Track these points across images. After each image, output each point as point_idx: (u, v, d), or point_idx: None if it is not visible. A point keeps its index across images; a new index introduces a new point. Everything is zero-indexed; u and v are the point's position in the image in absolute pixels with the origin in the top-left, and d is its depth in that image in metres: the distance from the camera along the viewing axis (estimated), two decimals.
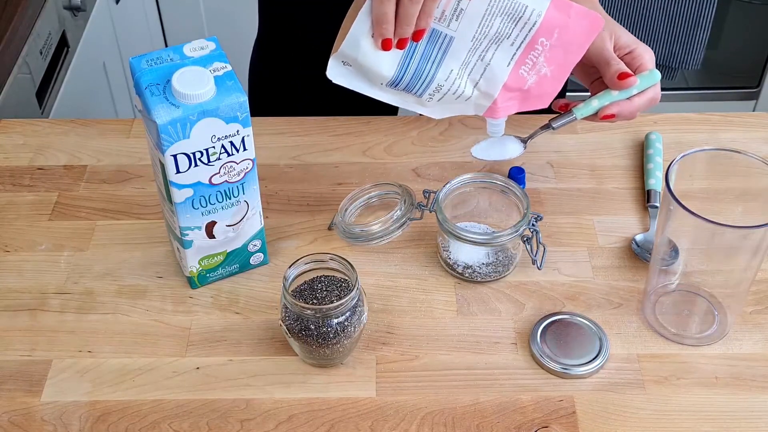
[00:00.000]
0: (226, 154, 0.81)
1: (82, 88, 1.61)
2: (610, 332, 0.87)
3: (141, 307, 0.90)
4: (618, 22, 0.95)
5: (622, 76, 0.88)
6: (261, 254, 0.92)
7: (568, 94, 1.26)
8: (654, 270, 0.87)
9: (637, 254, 0.94)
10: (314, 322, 0.79)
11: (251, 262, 0.92)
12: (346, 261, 0.82)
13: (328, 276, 0.83)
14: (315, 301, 0.82)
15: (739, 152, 0.83)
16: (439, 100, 0.87)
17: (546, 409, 0.81)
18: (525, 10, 0.82)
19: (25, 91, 1.37)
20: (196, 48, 0.82)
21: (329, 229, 0.98)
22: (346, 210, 0.97)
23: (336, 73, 0.87)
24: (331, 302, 0.81)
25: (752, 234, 0.77)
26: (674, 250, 0.84)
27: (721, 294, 0.87)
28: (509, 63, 0.85)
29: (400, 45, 0.83)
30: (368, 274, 0.92)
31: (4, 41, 1.29)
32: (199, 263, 0.89)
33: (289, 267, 0.82)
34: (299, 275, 0.83)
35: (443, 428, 0.79)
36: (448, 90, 0.86)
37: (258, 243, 0.91)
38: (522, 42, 0.84)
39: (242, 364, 0.84)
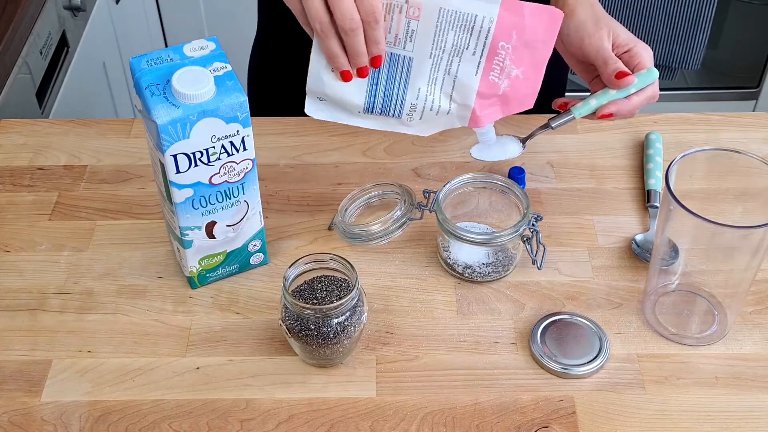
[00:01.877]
0: (226, 154, 0.81)
1: (82, 88, 1.61)
2: (610, 332, 0.87)
3: (141, 307, 0.90)
4: (618, 21, 0.95)
5: (620, 75, 0.88)
6: (261, 254, 0.92)
7: (567, 93, 1.26)
8: (654, 270, 0.87)
9: (637, 254, 0.94)
10: (314, 322, 0.79)
11: (251, 262, 0.92)
12: (346, 261, 0.82)
13: (328, 276, 0.83)
14: (315, 301, 0.82)
15: (739, 152, 0.83)
16: (420, 119, 0.88)
17: (546, 409, 0.81)
18: (475, 19, 0.82)
19: (25, 91, 1.37)
20: (196, 48, 0.82)
21: (329, 229, 0.98)
22: (346, 210, 0.97)
23: (313, 109, 0.88)
24: (331, 302, 0.81)
25: (752, 234, 0.77)
26: (674, 250, 0.84)
27: (721, 294, 0.87)
28: (476, 72, 0.85)
29: (361, 74, 0.84)
30: (368, 274, 0.92)
31: (4, 41, 1.29)
32: (199, 263, 0.89)
33: (289, 267, 0.82)
34: (299, 275, 0.83)
35: (443, 428, 0.79)
36: (424, 107, 0.87)
37: (258, 243, 0.91)
38: (482, 50, 0.84)
39: (242, 364, 0.84)
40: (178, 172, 0.80)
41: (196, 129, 0.78)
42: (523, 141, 0.91)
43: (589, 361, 0.83)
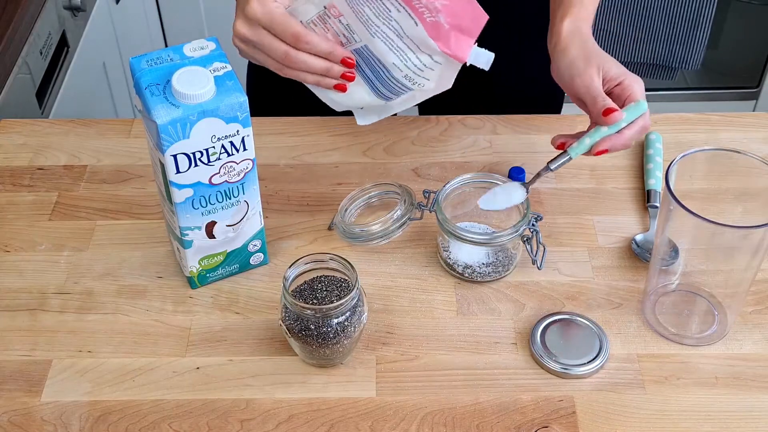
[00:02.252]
0: (226, 154, 0.81)
1: (82, 88, 1.61)
2: (610, 332, 0.87)
3: (141, 307, 0.90)
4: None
5: (607, 112, 0.87)
6: (261, 254, 0.92)
7: (565, 104, 1.26)
8: (654, 270, 0.87)
9: (637, 254, 0.94)
10: (314, 322, 0.79)
11: (251, 262, 0.92)
12: (346, 261, 0.82)
13: (328, 276, 0.83)
14: (315, 301, 0.82)
15: (739, 152, 0.83)
16: (426, 79, 0.87)
17: (546, 409, 0.81)
18: None
19: (25, 91, 1.37)
20: (196, 48, 0.82)
21: (329, 229, 0.98)
22: (346, 210, 0.97)
23: (361, 119, 0.94)
24: (331, 302, 0.81)
25: (752, 234, 0.77)
26: (674, 250, 0.84)
27: (721, 294, 0.87)
28: (415, 23, 0.83)
29: (347, 78, 0.86)
30: (368, 274, 0.92)
31: (4, 41, 1.29)
32: (199, 263, 0.89)
33: (289, 267, 0.82)
34: (299, 275, 0.83)
35: (443, 428, 0.79)
36: (416, 71, 0.86)
37: (258, 243, 0.91)
38: (398, 4, 0.83)
39: (242, 364, 0.84)
40: (178, 172, 0.80)
41: (196, 129, 0.78)
42: (527, 185, 0.91)
43: (589, 361, 0.83)
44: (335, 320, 0.80)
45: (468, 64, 0.85)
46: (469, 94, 1.18)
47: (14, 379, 0.83)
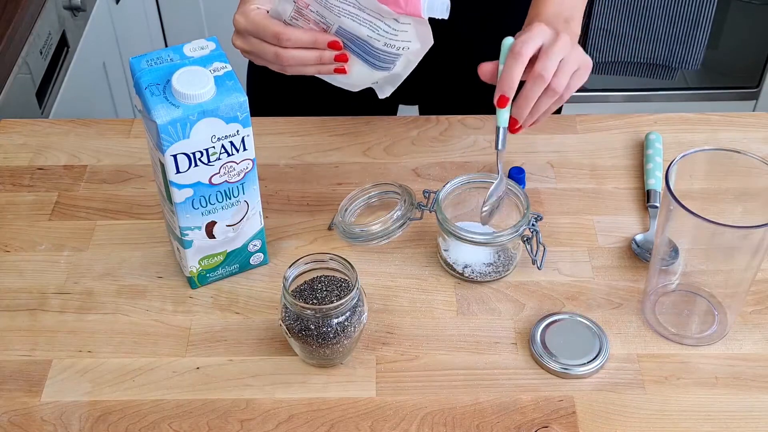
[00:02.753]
0: (226, 154, 0.81)
1: (82, 88, 1.61)
2: (610, 332, 0.87)
3: (141, 307, 0.90)
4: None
5: (500, 102, 0.89)
6: (261, 254, 0.92)
7: (575, 94, 1.26)
8: (654, 270, 0.87)
9: (637, 254, 0.94)
10: (314, 322, 0.79)
11: (251, 262, 0.92)
12: (346, 261, 0.82)
13: (328, 276, 0.83)
14: (315, 301, 0.82)
15: (739, 152, 0.83)
16: (410, 40, 0.87)
17: (546, 409, 0.81)
18: None
19: (25, 91, 1.37)
20: (196, 48, 0.82)
21: (329, 229, 0.98)
22: (346, 210, 0.97)
23: (380, 93, 0.95)
24: (331, 302, 0.81)
25: (752, 234, 0.77)
26: (674, 250, 0.84)
27: (721, 294, 0.87)
28: None
29: (341, 59, 0.88)
30: (368, 274, 0.92)
31: (4, 41, 1.29)
32: (199, 263, 0.89)
33: (289, 267, 0.82)
34: (299, 275, 0.83)
35: (443, 428, 0.79)
36: (391, 35, 0.86)
37: (258, 243, 0.91)
38: None
39: (242, 364, 0.84)
40: (178, 172, 0.80)
41: (196, 129, 0.78)
42: (500, 173, 0.92)
43: (589, 361, 0.83)
44: (335, 320, 0.79)
45: (427, 18, 0.85)
46: (469, 94, 1.18)
47: (14, 379, 0.83)
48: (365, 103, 1.17)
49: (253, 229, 0.89)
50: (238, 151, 0.82)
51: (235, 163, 0.83)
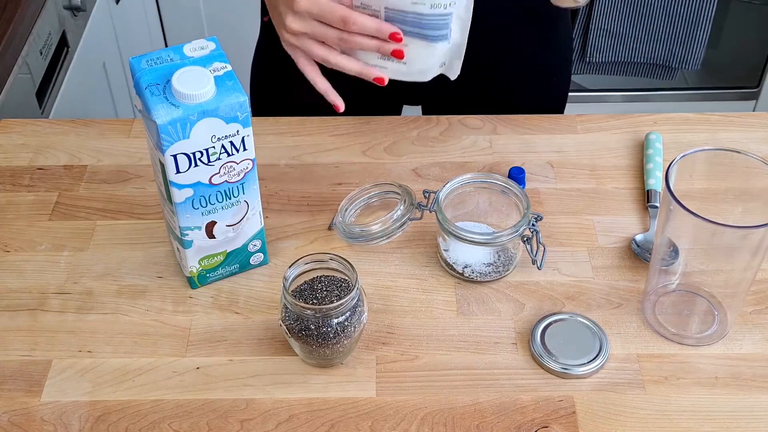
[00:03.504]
0: (226, 154, 0.81)
1: (82, 88, 1.61)
2: (610, 332, 0.87)
3: (141, 307, 0.90)
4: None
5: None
6: (261, 254, 0.92)
7: (570, 93, 1.27)
8: (654, 270, 0.87)
9: (637, 254, 0.94)
10: (314, 322, 0.79)
11: (251, 262, 0.92)
12: (346, 261, 0.82)
13: (328, 276, 0.83)
14: (315, 301, 0.82)
15: (739, 152, 0.83)
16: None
17: (546, 409, 0.81)
18: None
19: (25, 91, 1.37)
20: (196, 48, 0.82)
21: (329, 229, 0.98)
22: (346, 210, 0.97)
23: (451, 74, 0.95)
24: (331, 302, 0.81)
25: (752, 234, 0.77)
26: (674, 250, 0.84)
27: (721, 294, 0.87)
28: None
29: (397, 56, 0.88)
30: (368, 274, 0.92)
31: (4, 41, 1.29)
32: (199, 263, 0.89)
33: (289, 267, 0.82)
34: (299, 275, 0.83)
35: (443, 428, 0.79)
36: None
37: (258, 243, 0.91)
38: None
39: (242, 364, 0.84)
40: (178, 172, 0.80)
41: (196, 129, 0.78)
42: None
43: (589, 361, 0.83)
44: (335, 320, 0.79)
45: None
46: (472, 95, 1.18)
47: (14, 379, 0.83)
48: (369, 104, 1.17)
49: (253, 229, 0.89)
50: (238, 151, 0.82)
51: (235, 163, 0.83)
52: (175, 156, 0.79)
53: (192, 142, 0.79)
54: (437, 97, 1.22)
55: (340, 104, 0.91)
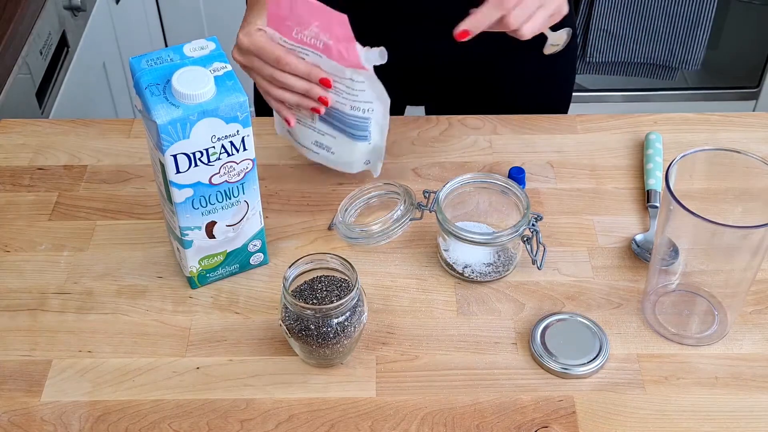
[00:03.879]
0: (226, 154, 0.81)
1: (82, 88, 1.61)
2: (610, 332, 0.87)
3: (141, 307, 0.90)
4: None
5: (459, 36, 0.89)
6: (261, 254, 0.92)
7: (574, 93, 1.26)
8: (654, 270, 0.87)
9: (637, 254, 0.94)
10: (314, 322, 0.79)
11: (251, 262, 0.92)
12: (346, 261, 0.82)
13: (328, 276, 0.83)
14: (315, 301, 0.82)
15: (739, 152, 0.83)
16: (371, 100, 0.92)
17: (546, 409, 0.81)
18: None
19: (25, 91, 1.37)
20: (196, 48, 0.82)
21: (329, 229, 0.98)
22: (346, 210, 0.97)
23: (375, 171, 1.01)
24: (331, 302, 0.81)
25: (752, 234, 0.77)
26: (674, 250, 0.84)
27: (721, 294, 0.87)
28: (319, 56, 0.90)
29: (323, 102, 0.92)
30: (368, 274, 0.92)
31: (4, 41, 1.29)
32: (199, 263, 0.89)
33: (289, 267, 0.82)
34: (299, 275, 0.83)
35: (443, 428, 0.79)
36: (352, 96, 0.92)
37: (258, 243, 0.91)
38: (303, 48, 0.90)
39: (242, 364, 0.84)
40: (178, 172, 0.80)
41: (196, 129, 0.78)
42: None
43: (589, 361, 0.83)
44: (335, 320, 0.79)
45: (370, 66, 0.89)
46: (475, 95, 1.18)
47: (14, 379, 0.83)
48: None
49: (253, 229, 0.89)
50: (238, 151, 0.82)
51: (235, 163, 0.83)
52: (175, 156, 0.79)
53: (192, 142, 0.79)
54: (441, 97, 1.22)
55: (292, 120, 0.95)
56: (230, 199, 0.85)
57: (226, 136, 0.80)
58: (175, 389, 0.82)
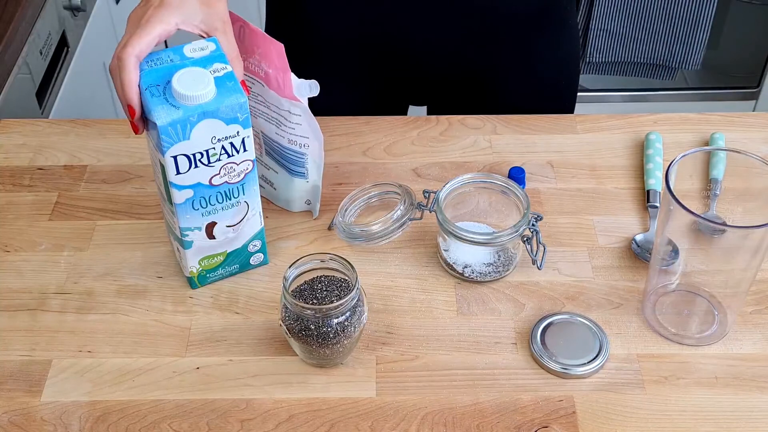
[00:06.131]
0: (226, 155, 0.81)
1: (82, 88, 1.61)
2: (610, 332, 0.87)
3: (141, 307, 0.90)
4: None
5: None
6: (261, 254, 0.92)
7: (579, 94, 1.26)
8: (654, 270, 0.87)
9: (637, 254, 0.94)
10: (314, 322, 0.79)
11: (251, 262, 0.92)
12: (346, 261, 0.82)
13: (328, 276, 0.83)
14: (315, 301, 0.82)
15: (739, 152, 0.83)
16: (308, 136, 0.92)
17: (546, 409, 0.81)
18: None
19: (25, 91, 1.37)
20: (196, 49, 0.82)
21: (329, 229, 0.98)
22: (346, 210, 0.97)
23: (314, 210, 0.99)
24: (331, 302, 0.81)
25: (752, 234, 0.77)
26: (674, 250, 0.84)
27: (721, 294, 0.87)
28: (262, 85, 0.90)
29: (133, 126, 0.81)
30: (368, 274, 0.92)
31: (4, 41, 1.29)
32: (199, 263, 0.89)
33: (289, 267, 0.82)
34: (299, 275, 0.83)
35: (443, 428, 0.79)
36: (289, 128, 0.91)
37: (258, 243, 0.91)
38: (249, 76, 0.91)
39: (242, 364, 0.84)
40: (178, 173, 0.80)
41: (196, 130, 0.78)
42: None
43: (589, 361, 0.83)
44: (335, 320, 0.80)
45: (304, 99, 0.89)
46: (477, 95, 1.18)
47: (14, 379, 0.83)
48: (376, 103, 1.17)
49: (253, 229, 0.89)
50: (238, 152, 0.82)
51: (236, 164, 0.83)
52: (175, 157, 0.79)
53: (192, 144, 0.79)
54: (443, 97, 1.22)
55: (140, 129, 0.81)
56: (230, 200, 0.85)
57: (226, 137, 0.80)
58: (175, 389, 0.82)
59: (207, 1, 0.83)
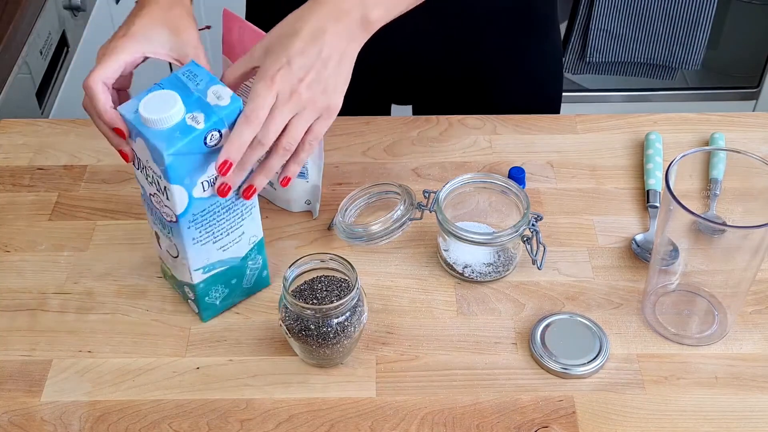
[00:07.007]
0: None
1: (82, 88, 1.61)
2: (610, 332, 0.87)
3: (141, 307, 0.90)
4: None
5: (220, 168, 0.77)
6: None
7: (564, 93, 1.26)
8: (654, 270, 0.87)
9: (637, 254, 0.94)
10: (314, 322, 0.79)
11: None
12: (346, 261, 0.82)
13: (328, 276, 0.83)
14: (315, 301, 0.82)
15: (739, 152, 0.83)
16: None
17: (546, 409, 0.81)
18: None
19: (25, 91, 1.37)
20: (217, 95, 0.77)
21: (329, 229, 0.98)
22: (346, 210, 0.97)
23: (314, 211, 0.99)
24: (331, 302, 0.81)
25: (752, 234, 0.77)
26: (674, 250, 0.84)
27: (721, 294, 0.87)
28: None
29: (122, 156, 0.80)
30: (368, 274, 0.92)
31: (4, 41, 1.29)
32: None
33: (289, 267, 0.82)
34: (299, 275, 0.83)
35: (443, 428, 0.79)
36: None
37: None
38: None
39: (242, 364, 0.84)
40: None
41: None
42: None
43: (589, 361, 0.83)
44: (335, 320, 0.79)
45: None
46: (463, 94, 1.18)
47: (14, 379, 0.83)
48: (365, 103, 1.17)
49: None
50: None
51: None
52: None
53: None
54: (427, 97, 1.22)
55: (128, 154, 0.80)
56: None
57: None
58: (175, 389, 0.82)
59: (176, 30, 0.83)
